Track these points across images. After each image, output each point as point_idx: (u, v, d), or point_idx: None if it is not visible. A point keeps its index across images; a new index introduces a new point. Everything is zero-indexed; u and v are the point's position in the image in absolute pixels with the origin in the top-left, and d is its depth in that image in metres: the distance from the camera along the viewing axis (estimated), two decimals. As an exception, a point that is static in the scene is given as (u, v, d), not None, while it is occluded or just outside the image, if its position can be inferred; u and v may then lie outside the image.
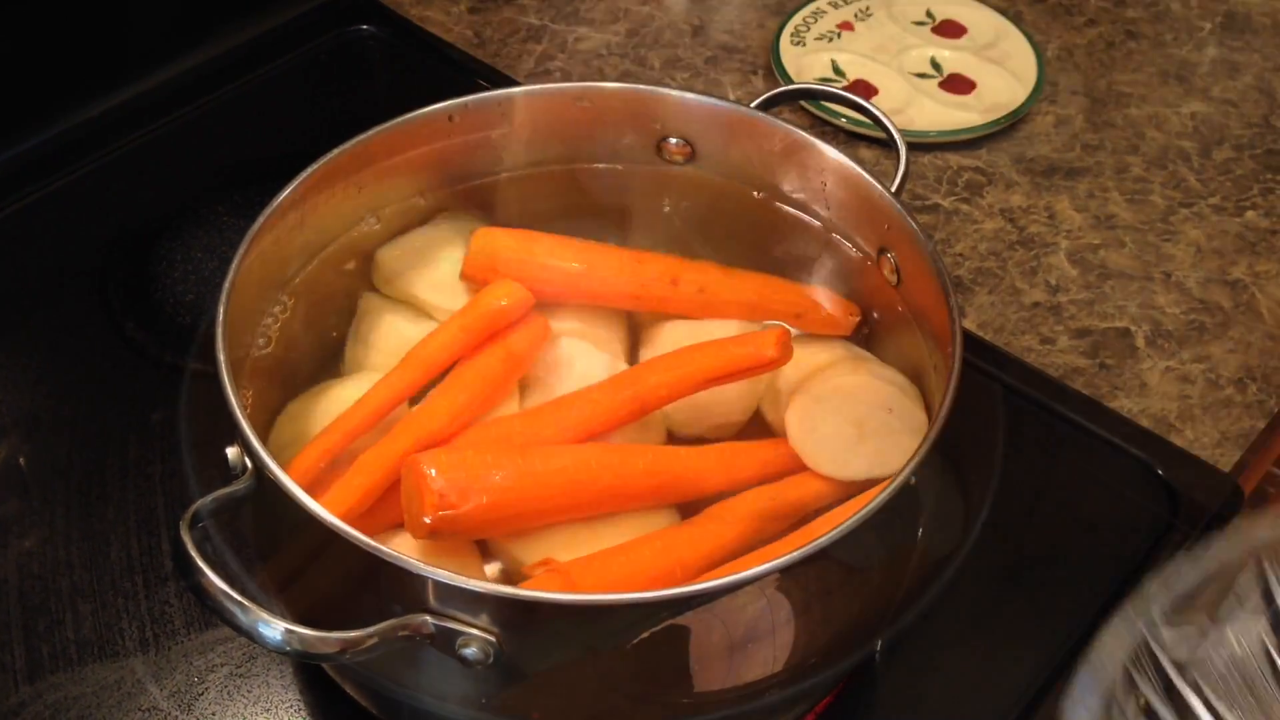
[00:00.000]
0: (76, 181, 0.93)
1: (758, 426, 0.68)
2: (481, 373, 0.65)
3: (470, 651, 0.52)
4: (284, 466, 0.62)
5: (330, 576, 0.57)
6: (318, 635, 0.51)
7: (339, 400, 0.66)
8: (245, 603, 0.51)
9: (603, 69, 1.05)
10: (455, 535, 0.58)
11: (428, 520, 0.56)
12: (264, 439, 0.64)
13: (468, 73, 1.02)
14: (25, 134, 0.93)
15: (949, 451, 0.58)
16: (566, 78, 1.04)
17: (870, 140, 0.99)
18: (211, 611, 0.51)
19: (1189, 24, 1.11)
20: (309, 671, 0.68)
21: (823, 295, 0.72)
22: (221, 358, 0.58)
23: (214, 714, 0.66)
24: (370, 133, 0.70)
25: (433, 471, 0.56)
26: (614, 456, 0.61)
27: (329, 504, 0.59)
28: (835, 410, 0.66)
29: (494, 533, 0.60)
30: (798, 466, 0.65)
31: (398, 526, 0.61)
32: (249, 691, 0.67)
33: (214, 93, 1.00)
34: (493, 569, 0.61)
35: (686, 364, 0.63)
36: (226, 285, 0.61)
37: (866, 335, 0.72)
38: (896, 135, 0.72)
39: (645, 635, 0.53)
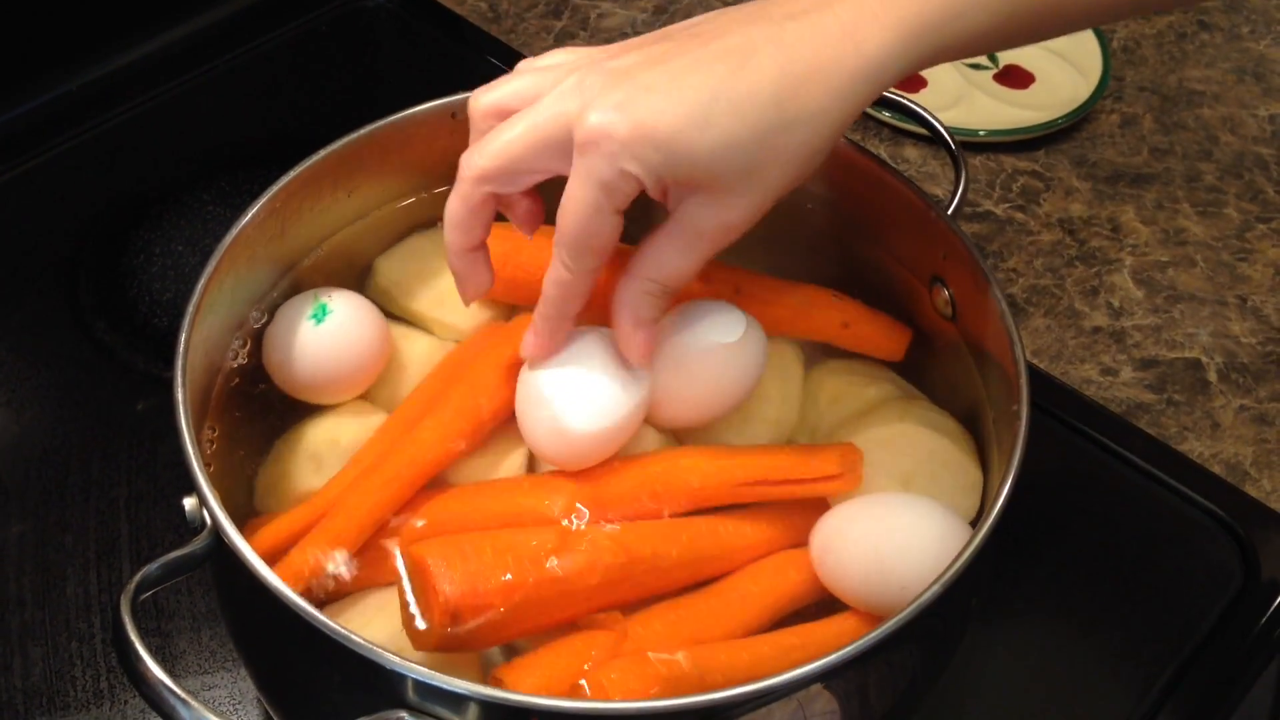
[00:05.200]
0: (47, 162, 0.86)
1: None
2: (478, 389, 0.57)
3: (452, 755, 0.45)
4: (258, 519, 0.56)
5: (297, 655, 0.50)
6: (273, 742, 0.44)
7: (331, 438, 0.59)
8: (188, 699, 0.44)
9: (627, 49, 0.96)
10: (464, 649, 0.50)
11: (433, 632, 0.49)
12: (233, 480, 0.58)
13: (479, 50, 0.94)
14: (-10, 110, 0.86)
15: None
16: (587, 58, 0.96)
17: (917, 138, 0.90)
18: (151, 707, 0.44)
19: (1267, 15, 1.02)
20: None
21: (871, 313, 0.64)
22: (180, 396, 0.51)
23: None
24: (361, 131, 0.62)
25: (442, 570, 0.49)
26: (647, 547, 0.52)
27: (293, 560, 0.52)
28: (877, 464, 0.58)
29: (506, 639, 0.52)
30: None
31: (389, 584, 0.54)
32: (212, 756, 0.60)
33: (202, 66, 0.92)
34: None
35: (730, 462, 0.55)
36: (190, 310, 0.54)
37: (915, 366, 0.64)
38: (957, 151, 0.64)
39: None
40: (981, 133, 0.89)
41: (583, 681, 0.47)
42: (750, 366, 0.58)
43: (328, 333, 0.58)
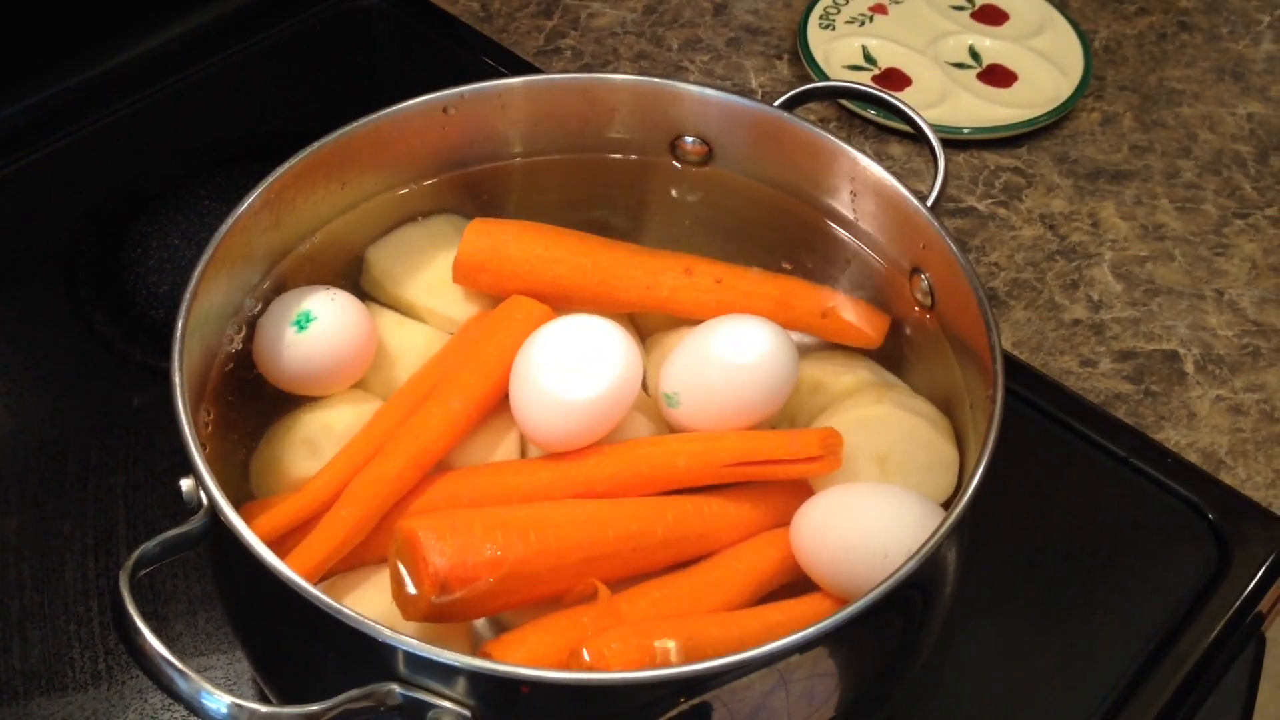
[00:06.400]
0: (46, 158, 0.87)
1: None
2: (479, 373, 0.59)
3: (442, 726, 0.46)
4: (253, 499, 0.57)
5: (292, 631, 0.51)
6: (269, 711, 0.45)
7: (325, 424, 0.60)
8: (186, 671, 0.45)
9: (617, 49, 0.98)
10: (452, 620, 0.52)
11: (422, 603, 0.50)
12: (230, 462, 0.59)
13: (472, 49, 0.96)
14: (-10, 106, 0.87)
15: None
16: (578, 57, 0.97)
17: (901, 135, 0.92)
18: (150, 679, 0.46)
19: (1246, 16, 1.03)
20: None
21: (850, 302, 0.66)
22: (177, 379, 0.53)
23: (168, 760, 0.61)
24: (355, 125, 0.63)
25: (433, 542, 0.50)
26: (634, 524, 0.54)
27: (306, 550, 0.53)
28: (854, 445, 0.60)
29: (492, 611, 0.54)
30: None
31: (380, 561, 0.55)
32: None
33: (199, 64, 0.93)
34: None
35: (715, 444, 0.57)
36: (186, 295, 0.55)
37: (894, 355, 0.65)
38: (936, 144, 0.65)
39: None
40: (965, 130, 0.91)
41: (584, 650, 0.49)
42: (777, 383, 0.59)
43: (311, 339, 0.60)
